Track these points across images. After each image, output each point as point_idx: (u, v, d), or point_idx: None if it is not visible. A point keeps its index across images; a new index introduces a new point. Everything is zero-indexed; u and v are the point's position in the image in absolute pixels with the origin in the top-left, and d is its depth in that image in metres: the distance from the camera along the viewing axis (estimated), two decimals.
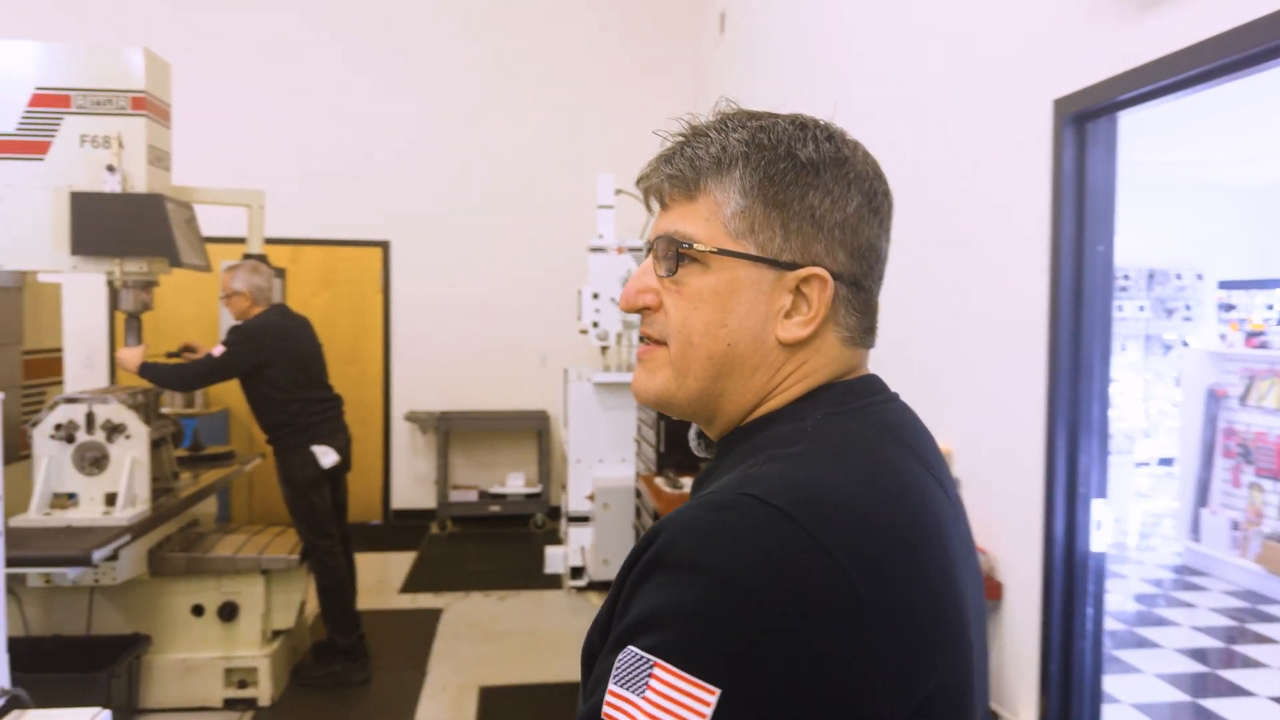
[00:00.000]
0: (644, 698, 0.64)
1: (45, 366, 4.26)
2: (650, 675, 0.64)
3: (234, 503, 6.51)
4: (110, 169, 3.67)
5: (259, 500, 6.89)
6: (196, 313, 6.94)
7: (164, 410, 4.80)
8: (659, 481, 4.23)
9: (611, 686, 0.66)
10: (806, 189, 0.80)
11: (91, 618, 3.84)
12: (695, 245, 0.81)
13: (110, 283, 3.84)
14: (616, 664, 0.66)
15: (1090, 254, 2.37)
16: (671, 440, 4.41)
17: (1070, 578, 2.45)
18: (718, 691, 0.63)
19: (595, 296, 5.60)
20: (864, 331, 0.84)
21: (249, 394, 4.21)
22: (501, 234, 7.47)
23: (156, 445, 3.97)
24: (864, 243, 0.82)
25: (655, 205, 0.87)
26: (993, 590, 2.67)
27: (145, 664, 3.85)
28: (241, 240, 4.66)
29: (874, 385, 0.85)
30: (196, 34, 6.93)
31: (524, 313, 7.49)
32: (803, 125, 0.82)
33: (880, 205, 0.83)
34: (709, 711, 0.62)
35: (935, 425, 3.02)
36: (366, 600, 5.18)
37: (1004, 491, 2.69)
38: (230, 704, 3.94)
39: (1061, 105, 2.41)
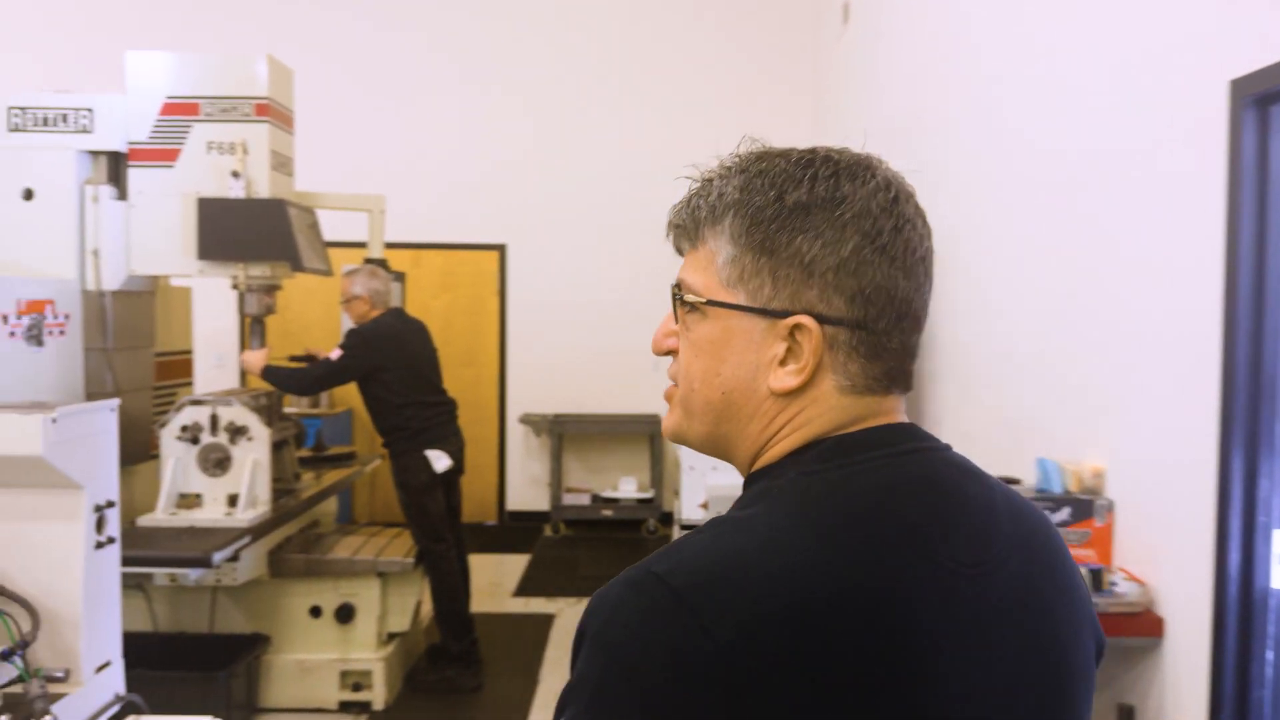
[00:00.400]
0: None
1: (176, 368, 4.39)
2: None
3: (356, 502, 6.63)
4: (235, 175, 3.74)
5: (380, 500, 7.01)
6: (322, 315, 7.11)
7: (288, 411, 4.89)
8: None
9: None
10: (795, 234, 0.77)
11: (214, 616, 3.91)
12: (687, 296, 0.83)
13: (235, 286, 3.91)
14: None
15: (1274, 253, 2.10)
16: None
17: (1247, 617, 2.18)
18: None
19: None
20: (875, 378, 0.79)
21: (365, 397, 4.24)
22: (615, 237, 7.41)
23: (278, 447, 4.03)
24: (868, 285, 0.77)
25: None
26: (1153, 626, 2.41)
27: (264, 664, 3.90)
28: (363, 245, 4.71)
29: (882, 437, 0.79)
30: (320, 44, 7.10)
31: (637, 315, 7.38)
32: (808, 164, 0.79)
33: (889, 243, 0.77)
34: None
35: (1087, 441, 2.78)
36: (481, 603, 5.17)
37: (1166, 516, 2.43)
38: (345, 706, 3.97)
39: (1240, 86, 2.14)
